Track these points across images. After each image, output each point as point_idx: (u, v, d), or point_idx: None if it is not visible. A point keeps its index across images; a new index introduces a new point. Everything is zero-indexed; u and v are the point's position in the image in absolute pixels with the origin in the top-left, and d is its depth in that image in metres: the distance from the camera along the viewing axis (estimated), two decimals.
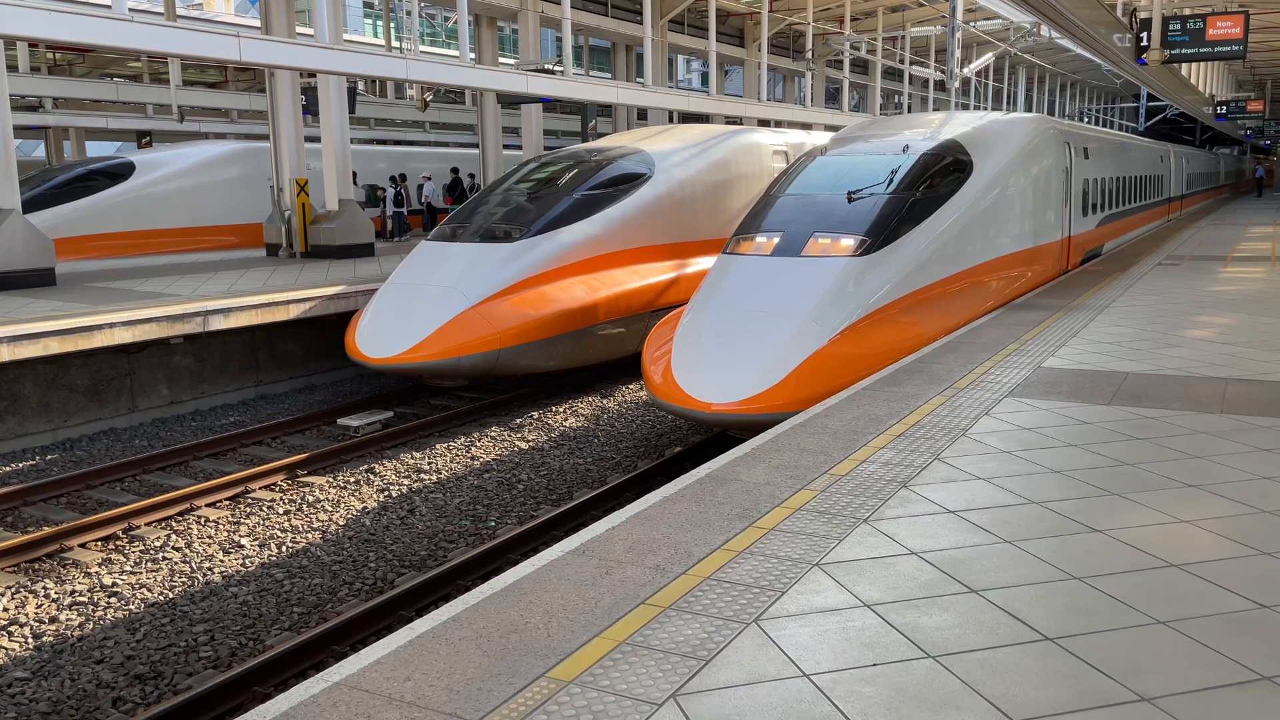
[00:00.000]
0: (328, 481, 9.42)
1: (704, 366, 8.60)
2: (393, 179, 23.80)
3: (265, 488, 9.30)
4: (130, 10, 10.93)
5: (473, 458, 10.19)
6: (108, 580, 7.25)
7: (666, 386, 8.69)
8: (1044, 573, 4.06)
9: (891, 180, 10.26)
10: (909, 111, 35.22)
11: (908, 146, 10.97)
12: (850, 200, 10.05)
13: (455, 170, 24.76)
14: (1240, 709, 3.05)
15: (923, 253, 9.76)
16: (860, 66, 36.67)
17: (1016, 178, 11.78)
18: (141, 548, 7.91)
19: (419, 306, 11.45)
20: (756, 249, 9.87)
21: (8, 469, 10.01)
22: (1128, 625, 3.60)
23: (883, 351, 8.83)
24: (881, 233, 9.60)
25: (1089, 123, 51.51)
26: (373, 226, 18.36)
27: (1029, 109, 44.26)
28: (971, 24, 29.17)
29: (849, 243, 9.49)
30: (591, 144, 15.74)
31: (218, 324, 11.60)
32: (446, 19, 35.31)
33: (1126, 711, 3.04)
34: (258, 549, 7.85)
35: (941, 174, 10.66)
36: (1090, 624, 3.61)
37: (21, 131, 28.07)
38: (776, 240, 9.83)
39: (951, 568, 4.13)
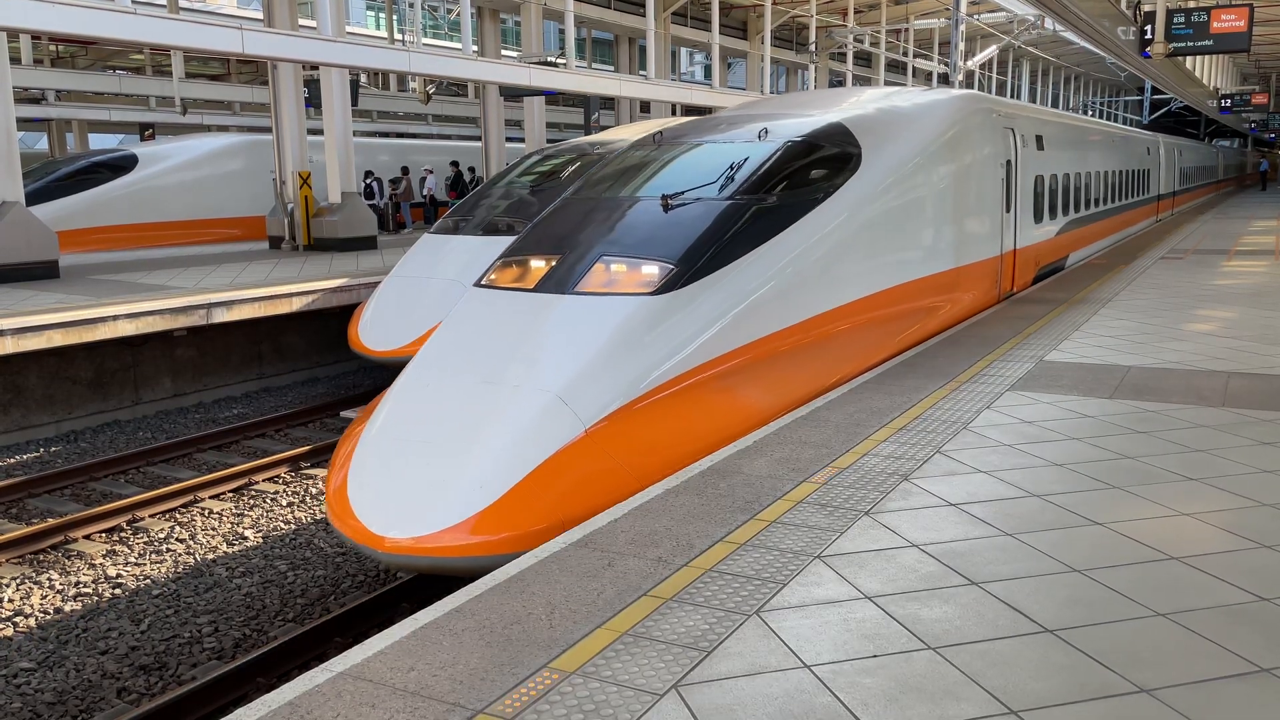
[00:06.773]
0: None
1: (386, 476, 5.51)
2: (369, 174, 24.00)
3: (268, 480, 9.33)
4: (133, 3, 10.93)
5: None
6: (112, 571, 7.29)
7: (336, 504, 5.56)
8: (1045, 565, 4.08)
9: (731, 179, 7.26)
10: None
11: (766, 131, 7.91)
12: (666, 209, 7.02)
13: (455, 164, 24.78)
14: (1239, 701, 3.06)
15: (767, 285, 6.79)
16: (864, 59, 36.58)
17: (926, 174, 8.82)
18: (145, 539, 7.94)
19: (422, 299, 11.46)
20: (518, 279, 6.81)
21: (12, 461, 10.04)
22: (1128, 617, 3.62)
23: (685, 442, 5.91)
24: (701, 256, 6.58)
25: (1093, 115, 51.25)
26: (375, 219, 18.39)
27: (1033, 101, 44.15)
28: (975, 17, 29.11)
29: (650, 271, 6.46)
30: (594, 137, 15.73)
31: (221, 316, 11.62)
32: (449, 11, 35.26)
33: (1126, 703, 3.06)
34: (261, 541, 7.88)
35: (811, 170, 7.76)
36: (1091, 616, 3.63)
37: (24, 124, 28.07)
38: (549, 266, 6.77)
39: (953, 560, 4.14)
